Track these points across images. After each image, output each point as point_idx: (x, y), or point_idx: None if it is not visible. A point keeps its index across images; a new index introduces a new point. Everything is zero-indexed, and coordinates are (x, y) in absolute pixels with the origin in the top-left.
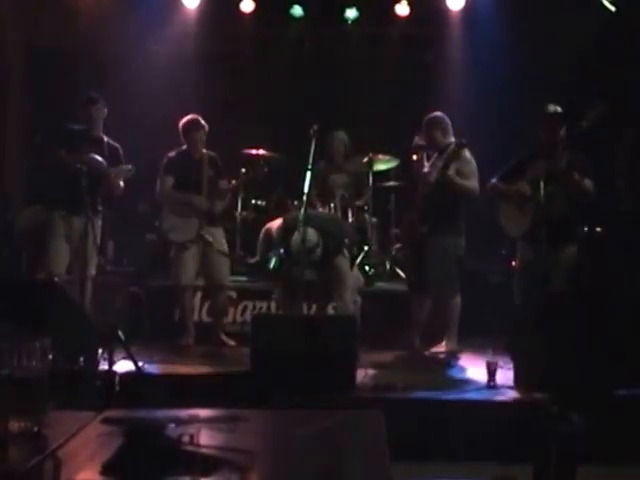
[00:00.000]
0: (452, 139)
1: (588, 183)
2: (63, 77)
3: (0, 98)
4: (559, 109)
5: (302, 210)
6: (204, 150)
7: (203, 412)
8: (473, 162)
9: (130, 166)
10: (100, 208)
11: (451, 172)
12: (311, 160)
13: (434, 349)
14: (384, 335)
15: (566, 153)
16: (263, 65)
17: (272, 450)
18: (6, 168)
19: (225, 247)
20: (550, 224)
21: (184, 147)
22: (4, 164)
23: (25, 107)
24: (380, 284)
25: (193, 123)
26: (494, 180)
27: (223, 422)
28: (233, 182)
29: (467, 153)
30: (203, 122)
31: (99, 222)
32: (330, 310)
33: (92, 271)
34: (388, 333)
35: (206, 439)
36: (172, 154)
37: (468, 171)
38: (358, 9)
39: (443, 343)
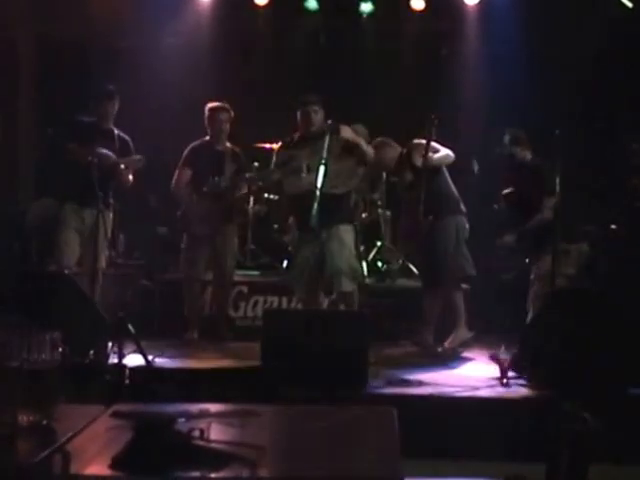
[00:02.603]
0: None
1: None
2: (75, 69)
3: (11, 90)
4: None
5: (315, 205)
6: (228, 144)
7: (214, 407)
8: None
9: (140, 156)
10: (111, 201)
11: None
12: (325, 154)
13: (447, 344)
14: (397, 331)
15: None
16: (277, 59)
17: (283, 445)
18: (18, 160)
19: (236, 244)
20: None
21: (207, 138)
22: (16, 156)
23: (37, 99)
24: (393, 280)
25: (218, 107)
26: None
27: (234, 417)
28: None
29: None
30: (228, 108)
31: (110, 215)
32: (341, 306)
33: (103, 264)
34: (401, 329)
35: (217, 434)
36: (195, 144)
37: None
38: (373, 3)
39: (452, 336)
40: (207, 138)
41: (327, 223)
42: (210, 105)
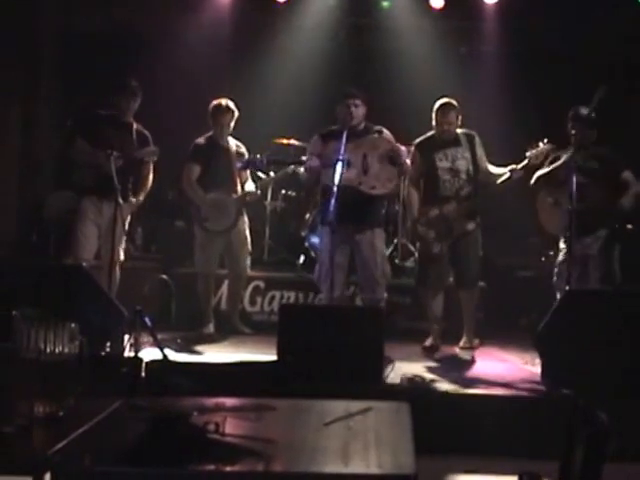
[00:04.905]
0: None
1: (628, 175)
2: (97, 61)
3: (32, 82)
4: (592, 113)
5: (333, 201)
6: (231, 140)
7: (229, 401)
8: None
9: (154, 148)
10: (130, 195)
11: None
12: (342, 150)
13: (462, 344)
14: (411, 327)
15: (594, 148)
16: (296, 54)
17: (297, 440)
18: (37, 152)
19: (248, 237)
20: (581, 218)
21: (211, 133)
22: (35, 148)
23: (57, 91)
24: (408, 277)
25: (222, 106)
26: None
27: (249, 411)
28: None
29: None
30: (232, 106)
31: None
32: (358, 301)
33: (121, 257)
34: (416, 326)
35: (232, 428)
36: (199, 141)
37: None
38: (392, 0)
39: (466, 338)
40: (210, 134)
41: (360, 225)
42: (212, 105)
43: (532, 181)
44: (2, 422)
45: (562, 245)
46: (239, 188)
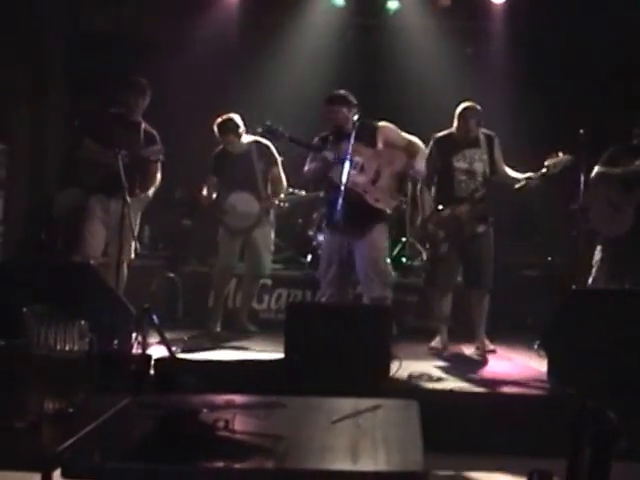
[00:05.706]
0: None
1: None
2: (100, 61)
3: (39, 82)
4: None
5: (340, 200)
6: (254, 139)
7: (239, 398)
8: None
9: (160, 147)
10: (138, 192)
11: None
12: (350, 150)
13: (476, 347)
14: (419, 326)
15: None
16: (303, 54)
17: (306, 437)
18: (45, 150)
19: (272, 239)
20: None
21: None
22: (43, 147)
23: (63, 91)
24: (416, 276)
25: (224, 124)
26: (600, 169)
27: (259, 408)
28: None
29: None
30: (236, 121)
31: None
32: (365, 300)
33: (131, 255)
34: (424, 324)
35: (241, 425)
36: (215, 151)
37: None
38: (400, 0)
39: (480, 341)
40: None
41: (360, 222)
42: (216, 123)
43: (592, 175)
44: (12, 418)
45: (600, 247)
46: (263, 189)
